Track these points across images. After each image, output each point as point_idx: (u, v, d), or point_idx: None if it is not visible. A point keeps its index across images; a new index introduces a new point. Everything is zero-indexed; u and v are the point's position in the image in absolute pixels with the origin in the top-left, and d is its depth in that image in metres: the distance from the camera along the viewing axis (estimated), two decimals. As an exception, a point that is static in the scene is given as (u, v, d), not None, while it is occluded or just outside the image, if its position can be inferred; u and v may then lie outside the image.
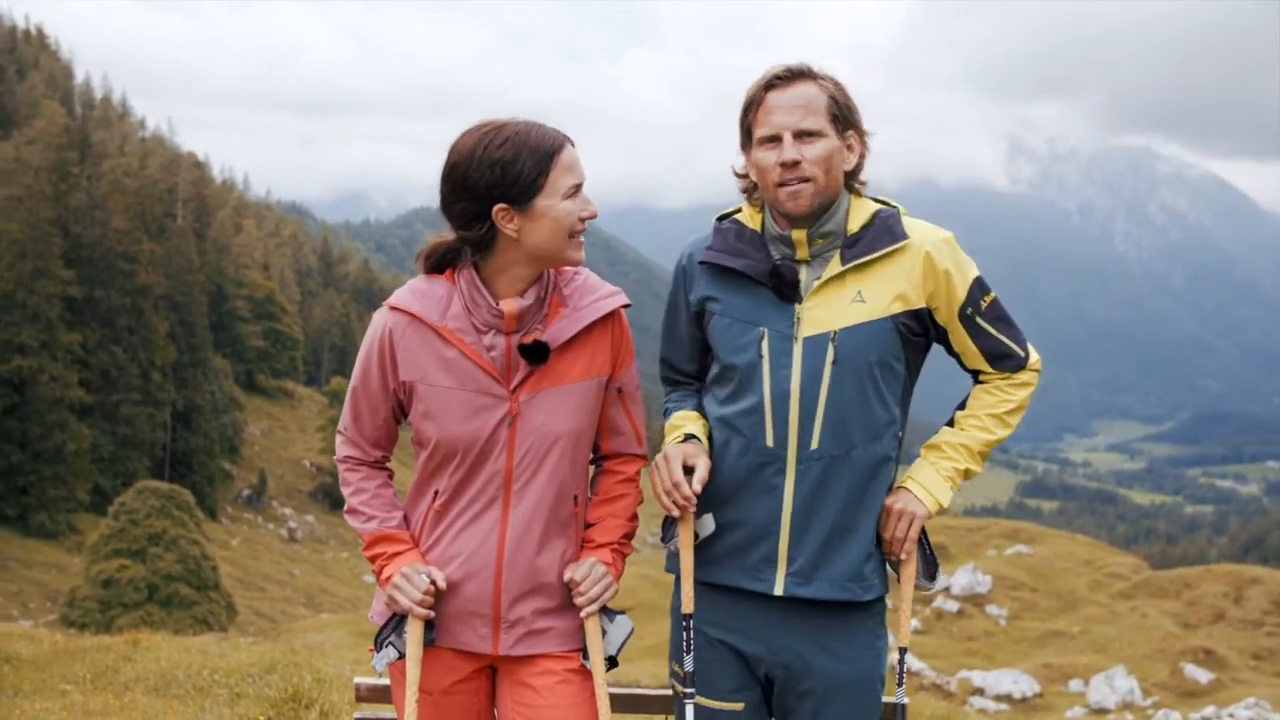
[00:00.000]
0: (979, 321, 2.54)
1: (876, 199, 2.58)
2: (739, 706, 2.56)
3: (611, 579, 2.52)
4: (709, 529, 2.54)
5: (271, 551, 57.01)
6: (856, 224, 2.50)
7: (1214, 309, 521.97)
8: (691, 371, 2.71)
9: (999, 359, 2.58)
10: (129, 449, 56.04)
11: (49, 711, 6.75)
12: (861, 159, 2.53)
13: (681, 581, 2.55)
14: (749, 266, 2.50)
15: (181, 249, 63.32)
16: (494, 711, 2.61)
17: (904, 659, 2.60)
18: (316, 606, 48.07)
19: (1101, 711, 22.46)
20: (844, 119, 2.47)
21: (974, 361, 2.60)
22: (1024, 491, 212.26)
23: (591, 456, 2.62)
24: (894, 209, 2.55)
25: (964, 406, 2.64)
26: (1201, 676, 24.67)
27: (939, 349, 2.64)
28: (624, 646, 2.55)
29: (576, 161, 2.40)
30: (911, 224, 2.52)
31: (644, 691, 3.07)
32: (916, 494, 2.52)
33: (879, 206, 2.55)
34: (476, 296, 2.43)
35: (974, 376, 2.65)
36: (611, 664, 2.54)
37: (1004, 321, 2.57)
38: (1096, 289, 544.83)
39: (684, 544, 2.54)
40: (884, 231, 2.49)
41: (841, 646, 2.51)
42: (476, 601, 2.47)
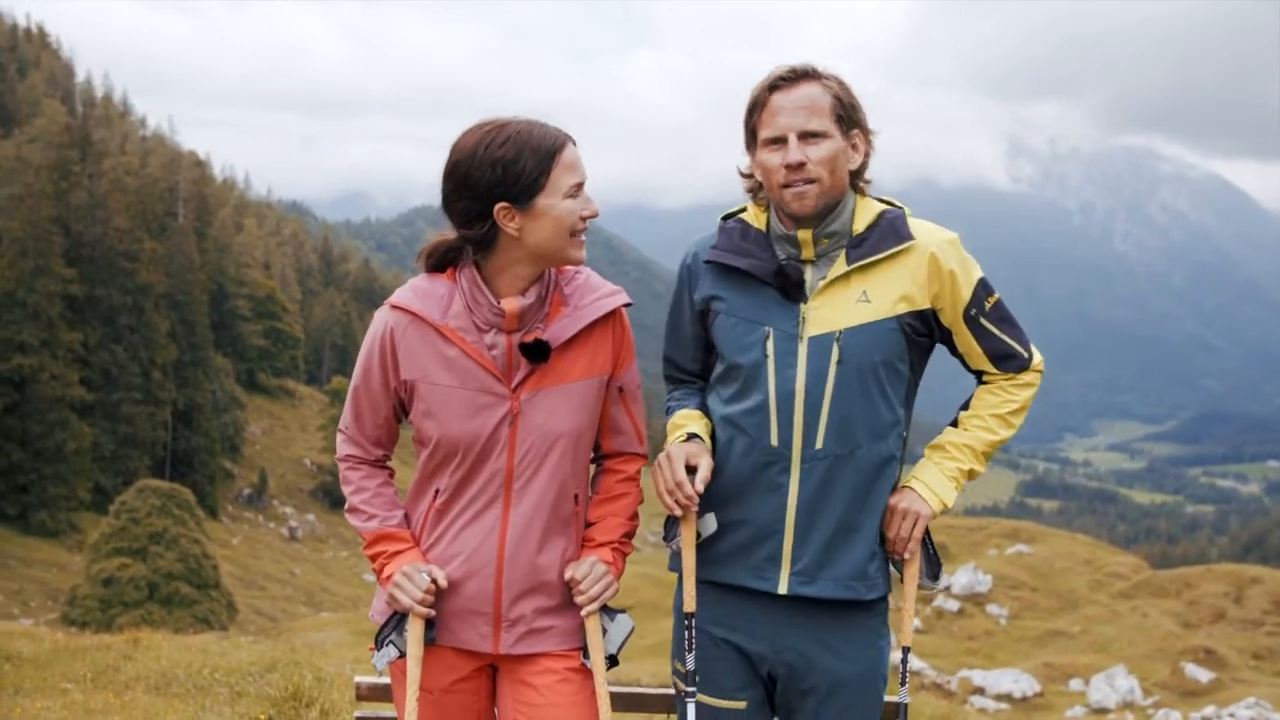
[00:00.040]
0: (983, 322, 2.55)
1: (882, 199, 2.58)
2: (742, 705, 2.57)
3: (612, 578, 2.52)
4: (711, 528, 2.55)
5: (272, 550, 57.03)
6: (862, 224, 2.51)
7: (1215, 309, 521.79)
8: (695, 370, 2.71)
9: (1003, 360, 2.59)
10: (130, 448, 56.06)
11: (50, 710, 6.75)
12: (866, 157, 2.53)
13: (684, 580, 2.55)
14: (754, 266, 2.50)
15: (182, 248, 63.33)
16: (494, 710, 2.61)
17: (906, 659, 2.60)
18: (317, 605, 48.09)
19: (1102, 711, 22.45)
20: (848, 119, 2.47)
21: (978, 362, 2.61)
22: (1025, 491, 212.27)
23: (592, 455, 2.62)
24: (900, 210, 2.56)
25: (967, 407, 2.64)
26: (1202, 676, 24.67)
27: (941, 350, 2.65)
28: (624, 645, 2.55)
29: (578, 160, 2.40)
30: (917, 225, 2.52)
31: (644, 690, 3.08)
32: (921, 493, 2.52)
33: (884, 207, 2.55)
34: (478, 295, 2.43)
35: (977, 377, 2.66)
36: (612, 663, 2.54)
37: (1008, 322, 2.58)
38: (1097, 289, 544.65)
39: (686, 543, 2.54)
40: (890, 232, 2.49)
41: (845, 645, 2.52)
42: (477, 600, 2.47)
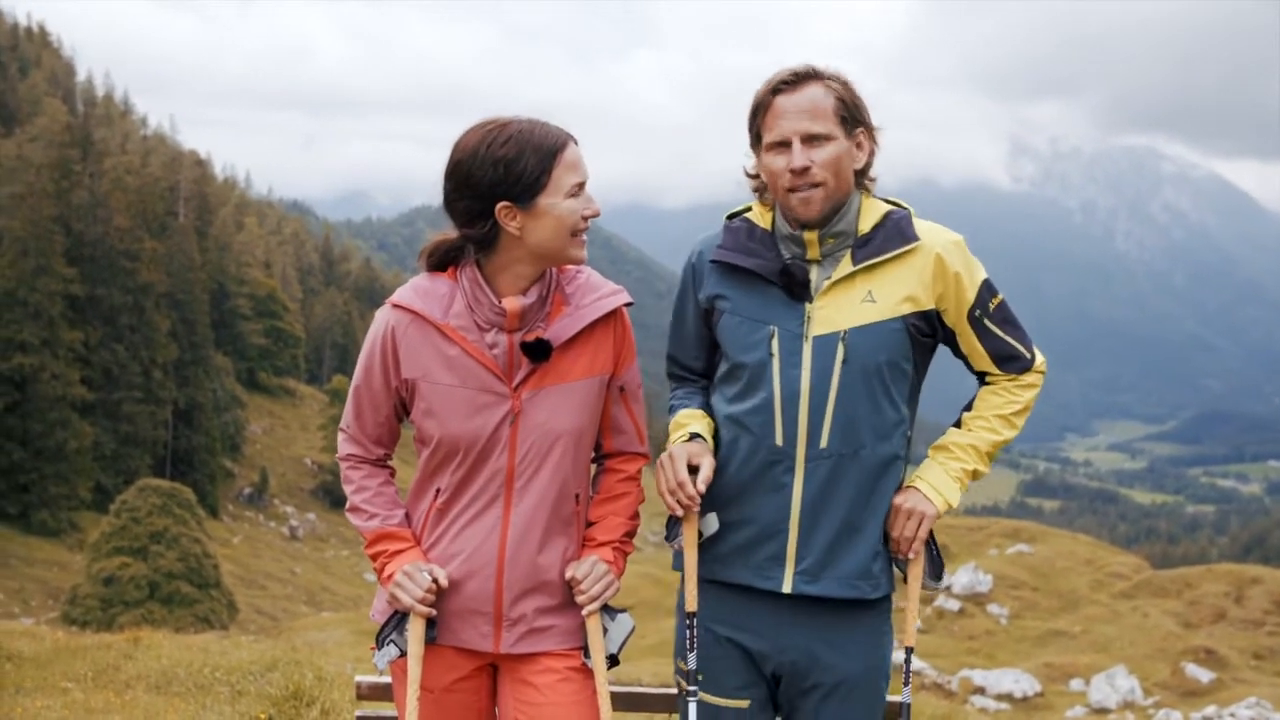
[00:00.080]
0: (987, 324, 2.56)
1: (887, 200, 2.59)
2: (744, 704, 2.57)
3: (613, 577, 2.52)
4: (713, 528, 2.55)
5: (273, 549, 57.05)
6: (868, 224, 2.51)
7: (1216, 309, 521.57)
8: (698, 369, 2.72)
9: (1006, 361, 2.60)
10: (130, 447, 56.08)
11: (50, 709, 6.75)
12: (871, 156, 2.54)
13: (685, 580, 2.55)
14: (760, 265, 2.51)
15: (183, 247, 63.33)
16: (495, 710, 2.61)
17: (910, 659, 2.60)
18: (318, 605, 48.11)
19: (1102, 711, 22.45)
20: (852, 118, 2.47)
21: (981, 363, 2.62)
22: (1025, 491, 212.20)
23: (593, 455, 2.62)
24: (905, 210, 2.56)
25: (970, 408, 2.65)
26: (1202, 676, 24.66)
27: (941, 349, 2.65)
28: (625, 645, 2.55)
29: (580, 160, 2.40)
30: (923, 226, 2.53)
31: (645, 690, 3.08)
32: (926, 493, 2.53)
33: (890, 208, 2.56)
34: (479, 294, 2.43)
35: (980, 378, 2.67)
36: (613, 662, 2.54)
37: (1011, 324, 2.59)
38: (1098, 288, 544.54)
39: (688, 543, 2.55)
40: (895, 233, 2.50)
41: (848, 643, 2.53)
42: (478, 599, 2.47)
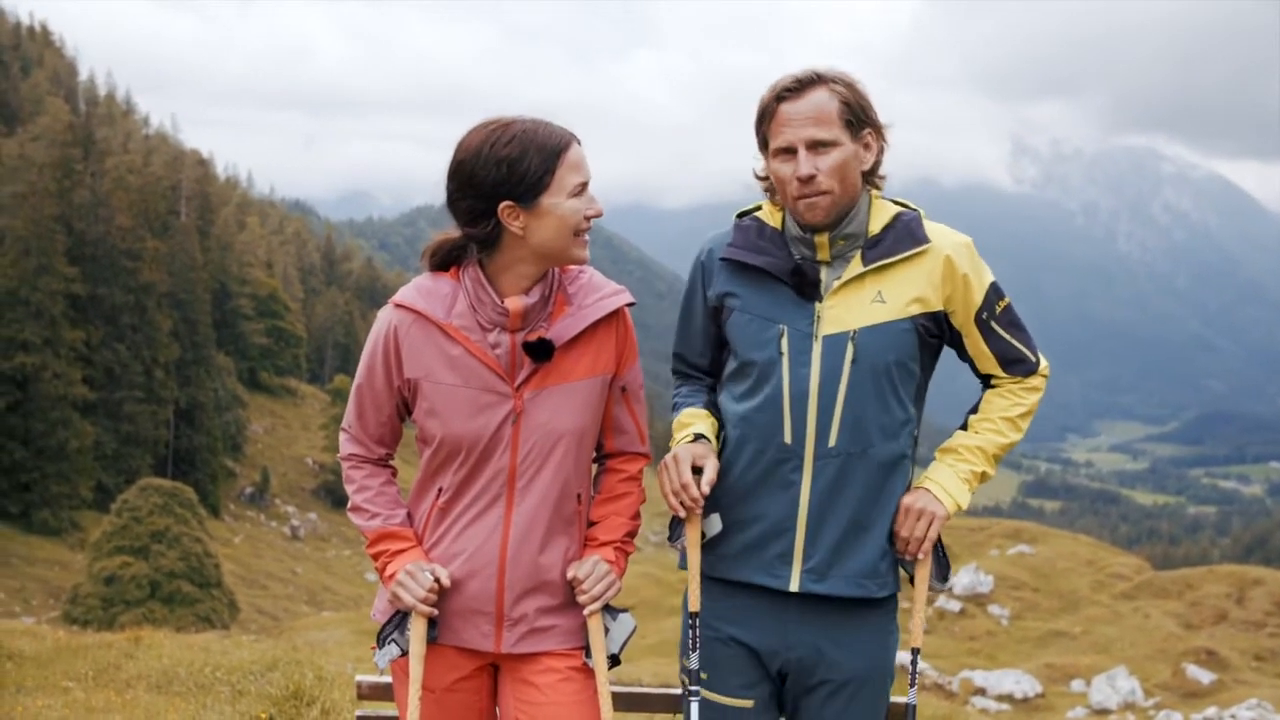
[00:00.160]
0: (994, 326, 2.57)
1: (896, 201, 2.60)
2: (748, 703, 2.57)
3: (614, 577, 2.52)
4: (716, 528, 2.56)
5: (274, 549, 57.08)
6: (877, 225, 2.53)
7: (1218, 309, 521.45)
8: (704, 366, 2.72)
9: (1011, 363, 2.62)
10: (132, 446, 56.12)
11: (51, 708, 6.75)
12: (880, 155, 2.54)
13: (689, 580, 2.56)
14: (770, 264, 2.51)
15: (185, 246, 63.37)
16: (496, 709, 2.61)
17: (916, 660, 2.61)
18: (318, 604, 48.14)
19: (1103, 712, 22.44)
20: (859, 120, 2.47)
21: (987, 365, 2.63)
22: (1026, 491, 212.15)
23: (594, 455, 2.62)
24: (915, 212, 2.57)
25: (976, 410, 2.66)
26: (1203, 677, 24.66)
27: (945, 352, 2.67)
28: (626, 645, 2.55)
29: (583, 160, 2.40)
30: (932, 228, 2.55)
31: (646, 690, 3.08)
32: (936, 494, 2.53)
33: (899, 209, 2.57)
34: (481, 294, 2.43)
35: (985, 381, 2.68)
36: (614, 662, 2.54)
37: (1017, 327, 2.61)
38: (1100, 289, 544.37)
39: (691, 543, 2.55)
40: (905, 234, 2.51)
41: (855, 641, 2.54)
42: (479, 599, 2.47)
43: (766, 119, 2.49)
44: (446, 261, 2.51)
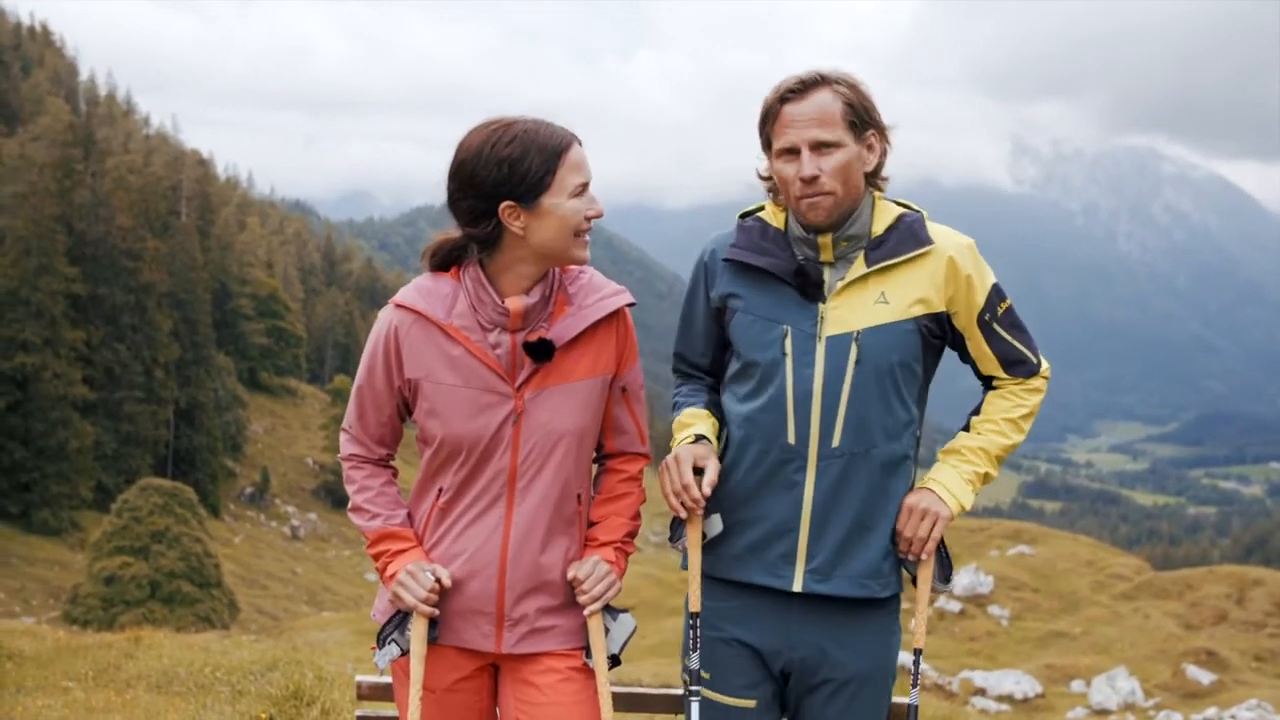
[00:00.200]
0: (996, 327, 2.58)
1: (899, 202, 2.61)
2: (750, 704, 2.58)
3: (615, 577, 2.52)
4: (717, 529, 2.56)
5: (274, 549, 57.08)
6: (881, 226, 2.53)
7: (1218, 310, 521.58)
8: (705, 366, 2.73)
9: (1013, 365, 2.63)
10: (132, 446, 56.13)
11: (51, 708, 6.75)
12: (883, 156, 2.54)
13: (689, 580, 2.56)
14: (774, 265, 2.52)
15: (185, 246, 63.38)
16: (496, 710, 2.61)
17: (918, 660, 2.61)
18: (318, 604, 48.14)
19: (1103, 712, 22.45)
20: (862, 121, 2.47)
21: (989, 367, 2.63)
22: (1026, 492, 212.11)
23: (594, 455, 2.62)
24: (918, 213, 2.58)
25: (978, 412, 2.67)
26: (1203, 678, 24.67)
27: (949, 353, 2.67)
28: (627, 645, 2.55)
29: (584, 160, 2.40)
30: (935, 229, 2.56)
31: (646, 690, 3.08)
32: (940, 495, 2.53)
33: (902, 210, 2.57)
34: (482, 294, 2.43)
35: (987, 383, 2.68)
36: (614, 662, 2.54)
37: (1018, 328, 2.61)
38: (1100, 289, 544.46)
39: (692, 544, 2.55)
40: (909, 236, 2.51)
41: (858, 641, 2.54)
42: (480, 599, 2.47)
43: (770, 119, 2.49)
44: (447, 262, 2.51)
